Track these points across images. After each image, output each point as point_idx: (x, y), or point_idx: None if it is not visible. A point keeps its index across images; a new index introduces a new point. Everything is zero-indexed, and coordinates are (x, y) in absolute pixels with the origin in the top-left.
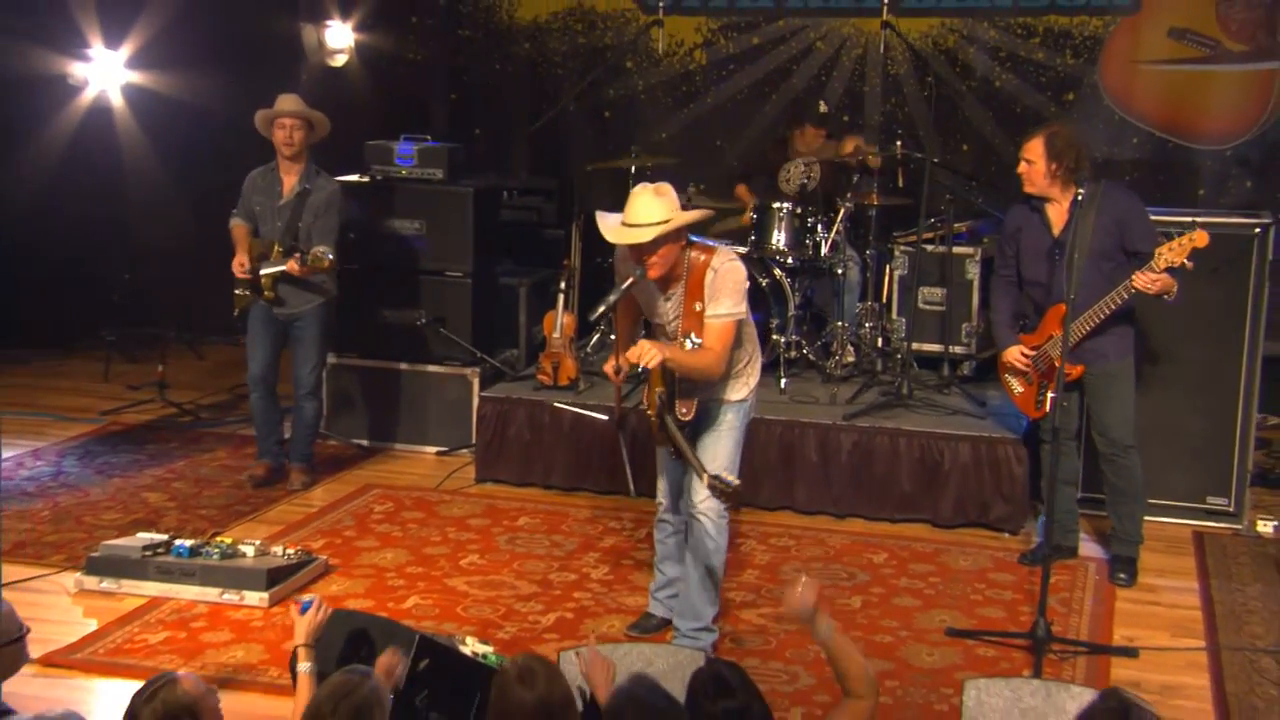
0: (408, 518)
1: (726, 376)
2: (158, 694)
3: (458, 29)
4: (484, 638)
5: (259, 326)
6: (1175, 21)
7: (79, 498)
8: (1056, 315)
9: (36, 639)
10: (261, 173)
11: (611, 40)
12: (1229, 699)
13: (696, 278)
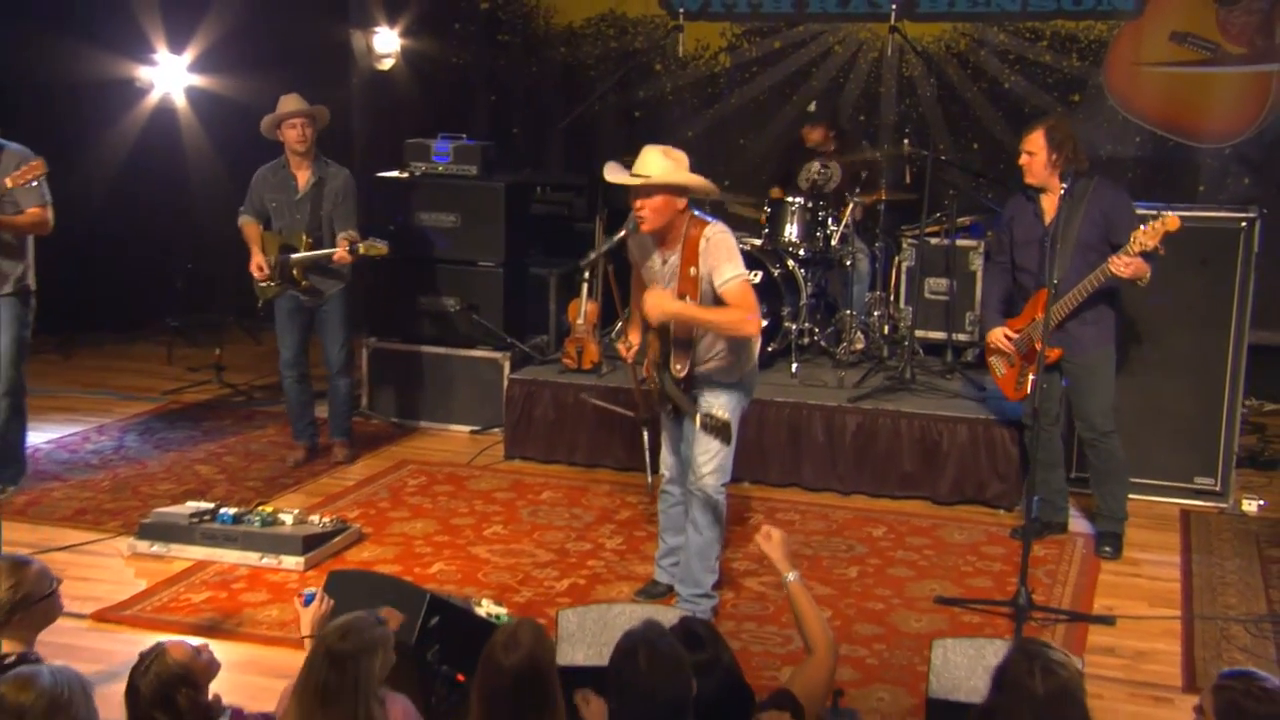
0: (438, 491)
1: (721, 357)
2: (150, 667)
3: (497, 34)
4: (501, 601)
5: (286, 315)
6: (1177, 25)
7: (137, 469)
8: (1040, 300)
9: (91, 597)
10: (271, 169)
11: (642, 44)
12: (1196, 663)
13: (692, 244)
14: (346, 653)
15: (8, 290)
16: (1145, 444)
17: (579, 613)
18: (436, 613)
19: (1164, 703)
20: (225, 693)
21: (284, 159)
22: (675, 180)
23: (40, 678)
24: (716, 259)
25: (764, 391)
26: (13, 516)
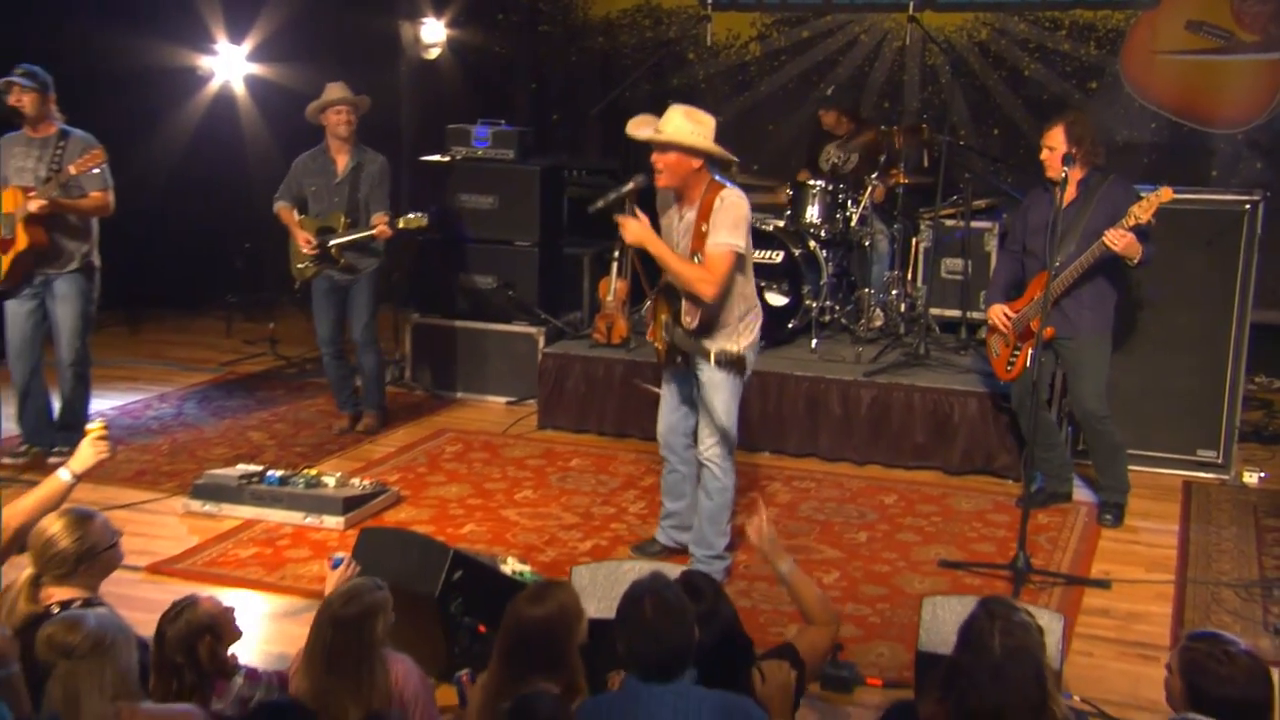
0: (474, 458)
1: (715, 326)
2: (181, 614)
3: (538, 25)
4: (526, 560)
5: (321, 295)
6: (1192, 14)
7: (194, 435)
8: (1040, 282)
9: (147, 551)
10: (310, 156)
11: (675, 34)
12: (1185, 625)
13: (708, 204)
14: (350, 618)
15: (73, 267)
16: (1150, 418)
17: (591, 569)
18: (460, 568)
19: (1150, 661)
20: (269, 642)
21: (324, 145)
22: (687, 142)
23: (87, 621)
24: (721, 221)
25: (784, 365)
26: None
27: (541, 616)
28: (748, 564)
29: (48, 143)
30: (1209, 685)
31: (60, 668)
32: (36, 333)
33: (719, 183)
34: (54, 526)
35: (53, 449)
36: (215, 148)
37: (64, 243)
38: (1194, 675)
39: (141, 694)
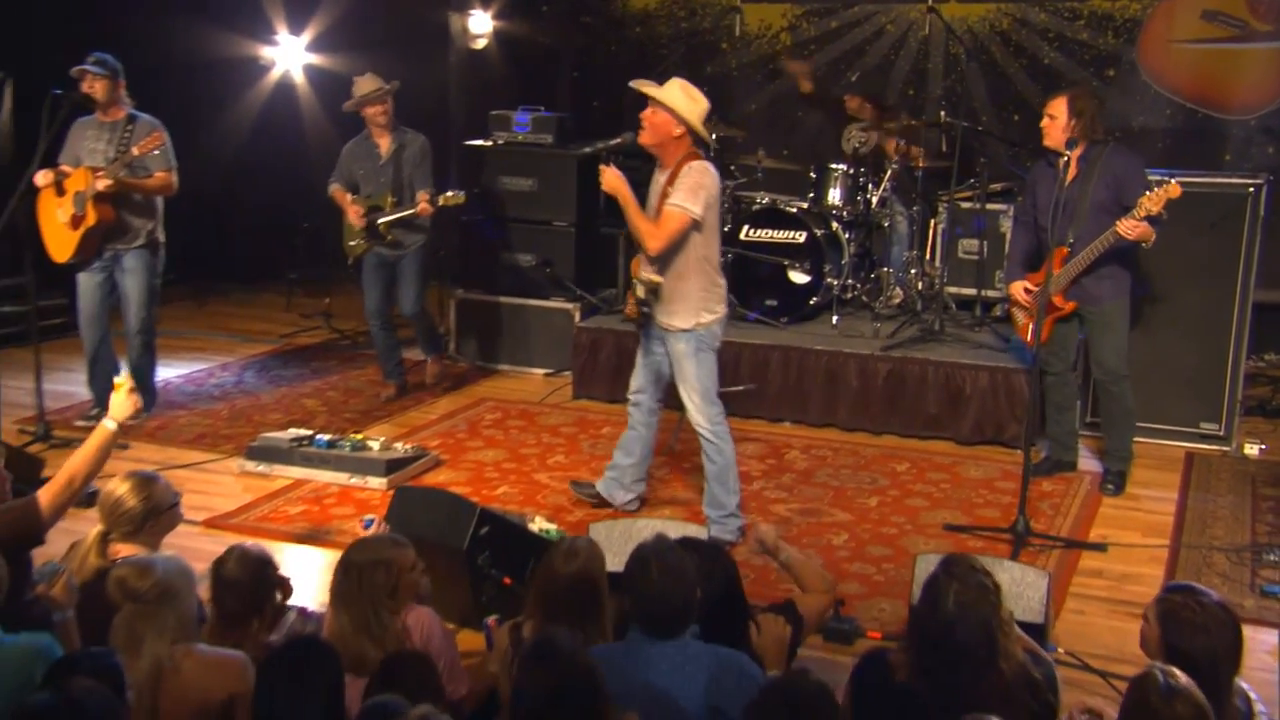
0: (511, 425)
1: (673, 299)
2: (231, 555)
3: (580, 16)
4: (553, 519)
5: (371, 270)
6: (1208, 4)
7: (252, 401)
8: (1057, 256)
9: (205, 508)
10: (356, 142)
11: (709, 25)
12: None
13: (677, 170)
14: (354, 563)
15: (139, 243)
16: (1155, 392)
17: (607, 525)
18: (486, 524)
19: (1138, 619)
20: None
21: (367, 131)
22: (676, 107)
23: (155, 568)
24: (681, 185)
25: (805, 340)
26: (144, 438)
27: (574, 571)
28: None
29: (116, 126)
30: (1183, 633)
31: (126, 609)
32: (105, 304)
33: (695, 153)
34: (121, 488)
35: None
36: (276, 133)
37: (130, 220)
38: (1169, 624)
39: (197, 636)
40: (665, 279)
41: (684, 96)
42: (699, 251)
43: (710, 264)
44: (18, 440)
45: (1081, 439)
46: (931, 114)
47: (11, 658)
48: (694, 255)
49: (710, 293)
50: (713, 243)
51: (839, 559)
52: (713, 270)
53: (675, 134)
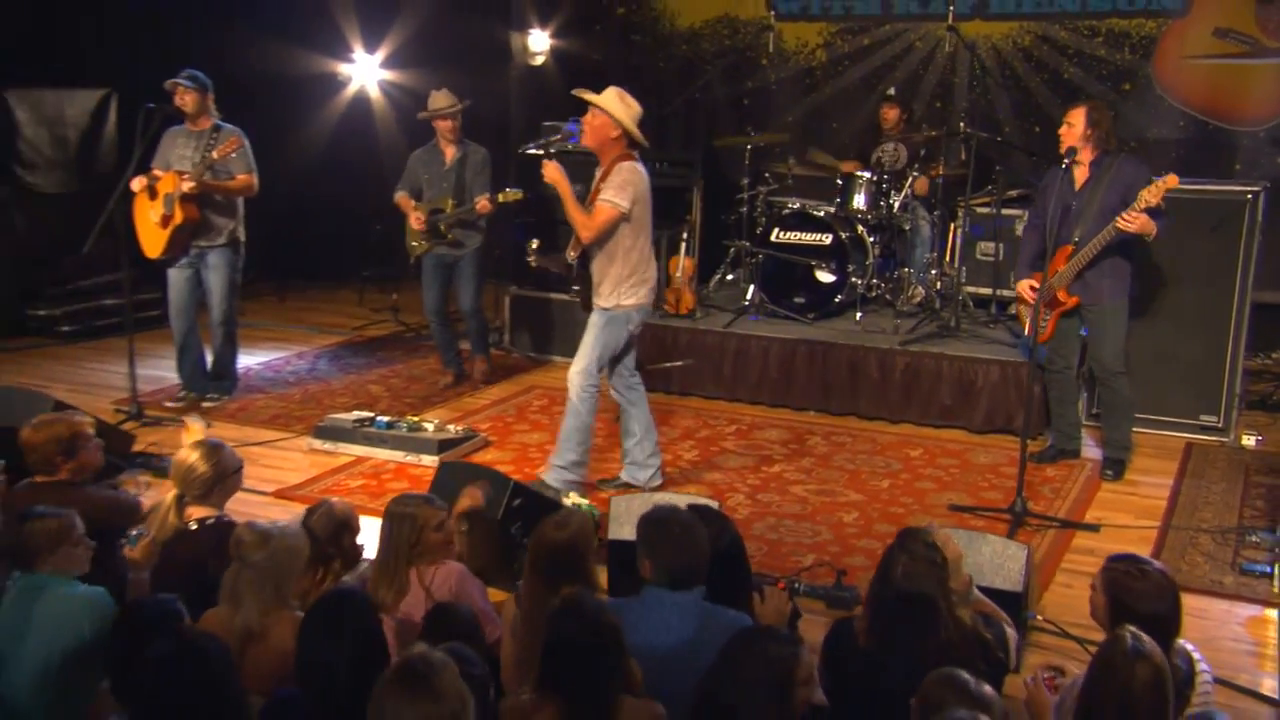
0: (556, 410)
1: (600, 282)
2: (319, 509)
3: (631, 35)
4: (587, 494)
5: (431, 270)
6: (1219, 22)
7: (323, 386)
8: (1062, 255)
9: (275, 480)
10: (425, 150)
11: (750, 42)
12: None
13: (611, 168)
14: (388, 513)
15: (221, 241)
16: (1158, 385)
17: (627, 499)
18: (519, 497)
19: None
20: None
21: (435, 141)
22: (612, 111)
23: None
24: (611, 182)
25: (829, 335)
26: (225, 418)
27: (565, 538)
28: (780, 504)
29: (203, 135)
30: (1127, 599)
31: (234, 567)
32: (192, 297)
33: (629, 154)
34: (192, 456)
35: (205, 395)
36: (352, 142)
37: (214, 219)
38: (1115, 591)
39: (294, 604)
40: (594, 262)
41: (619, 102)
42: (626, 242)
43: (636, 253)
44: (113, 418)
45: (1086, 429)
46: (953, 126)
47: (69, 605)
48: (621, 245)
49: (633, 278)
50: (640, 234)
51: (848, 534)
52: (638, 259)
53: (613, 135)
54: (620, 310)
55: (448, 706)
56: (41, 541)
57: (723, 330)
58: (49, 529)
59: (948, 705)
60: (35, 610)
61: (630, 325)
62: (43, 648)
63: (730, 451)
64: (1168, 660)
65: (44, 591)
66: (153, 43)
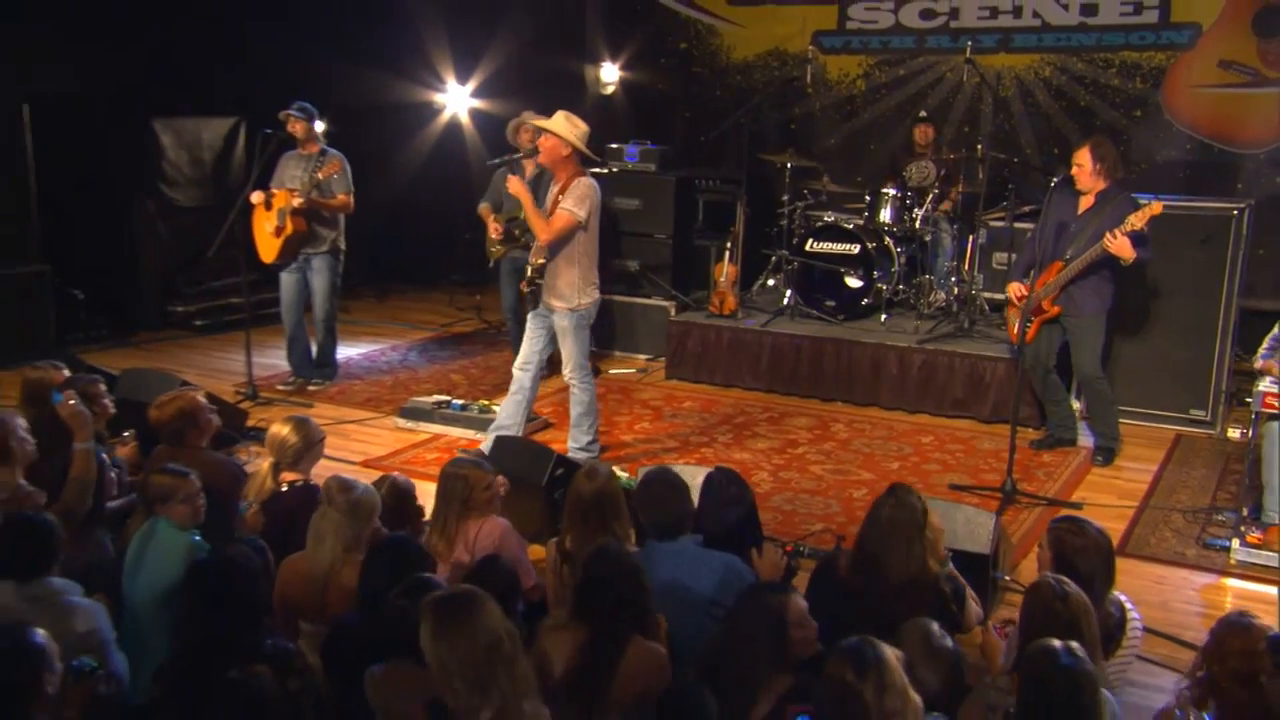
0: (611, 397)
1: (557, 284)
2: (385, 482)
3: (691, 67)
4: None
5: (507, 274)
6: (1224, 55)
7: (411, 374)
8: (1053, 269)
9: (363, 452)
10: (508, 167)
11: (796, 73)
12: (1133, 537)
13: (567, 184)
14: (443, 473)
15: (324, 249)
16: (1152, 381)
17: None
18: (561, 467)
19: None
20: None
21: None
22: (560, 133)
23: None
24: (571, 194)
25: (855, 334)
26: (325, 400)
27: (594, 489)
28: (799, 481)
29: (311, 158)
30: (1067, 554)
31: (320, 509)
32: (300, 296)
33: (582, 170)
34: (284, 429)
35: (310, 380)
36: (445, 162)
37: (319, 231)
38: (1057, 547)
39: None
40: (553, 264)
41: (567, 124)
42: (581, 247)
43: (589, 258)
44: (232, 398)
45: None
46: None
47: (172, 547)
48: (578, 250)
49: (587, 280)
50: (593, 241)
51: (855, 506)
52: (590, 264)
53: (564, 154)
54: (583, 309)
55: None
56: (159, 493)
57: (760, 329)
58: (166, 483)
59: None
60: (148, 548)
61: (591, 320)
62: (152, 577)
63: (761, 435)
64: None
65: (157, 534)
66: (274, 77)
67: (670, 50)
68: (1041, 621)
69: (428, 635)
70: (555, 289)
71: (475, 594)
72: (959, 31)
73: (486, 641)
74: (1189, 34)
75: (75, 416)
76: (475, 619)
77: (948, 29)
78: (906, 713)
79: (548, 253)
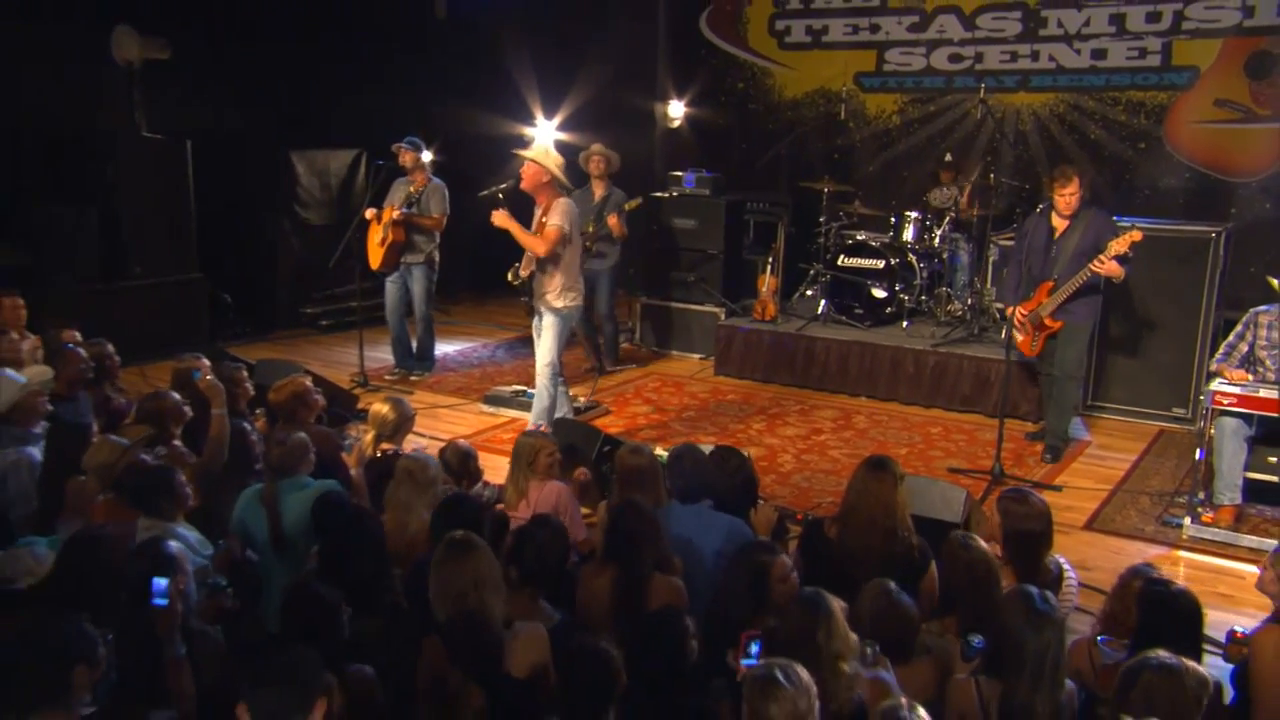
0: (665, 391)
1: (544, 289)
2: (450, 447)
3: (747, 104)
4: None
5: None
6: (1219, 94)
7: (497, 368)
8: (1044, 289)
9: (451, 431)
10: (581, 190)
11: (842, 110)
12: (1101, 515)
13: (549, 205)
14: (517, 441)
15: (421, 260)
16: (1138, 383)
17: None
18: (609, 445)
19: (1062, 532)
20: None
21: (589, 184)
22: (540, 160)
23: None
24: (554, 213)
25: (878, 338)
26: (424, 389)
27: (638, 462)
28: (819, 463)
29: (415, 183)
30: (1011, 519)
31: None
32: (401, 299)
33: (559, 193)
34: (384, 407)
35: (412, 371)
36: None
37: (416, 241)
38: (1005, 516)
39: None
40: (540, 274)
41: (546, 155)
42: (566, 259)
43: (572, 267)
44: (347, 385)
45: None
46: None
47: (304, 493)
48: (563, 260)
49: (568, 286)
50: (575, 253)
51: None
52: (572, 272)
53: (544, 180)
54: (567, 310)
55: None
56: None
57: (795, 333)
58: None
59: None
60: (287, 499)
61: (572, 323)
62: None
63: (790, 424)
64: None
65: (293, 485)
66: (390, 115)
67: (729, 89)
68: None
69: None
70: (542, 294)
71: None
72: (983, 73)
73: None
74: (1188, 76)
75: (211, 388)
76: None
77: (973, 71)
78: (846, 653)
79: (536, 264)
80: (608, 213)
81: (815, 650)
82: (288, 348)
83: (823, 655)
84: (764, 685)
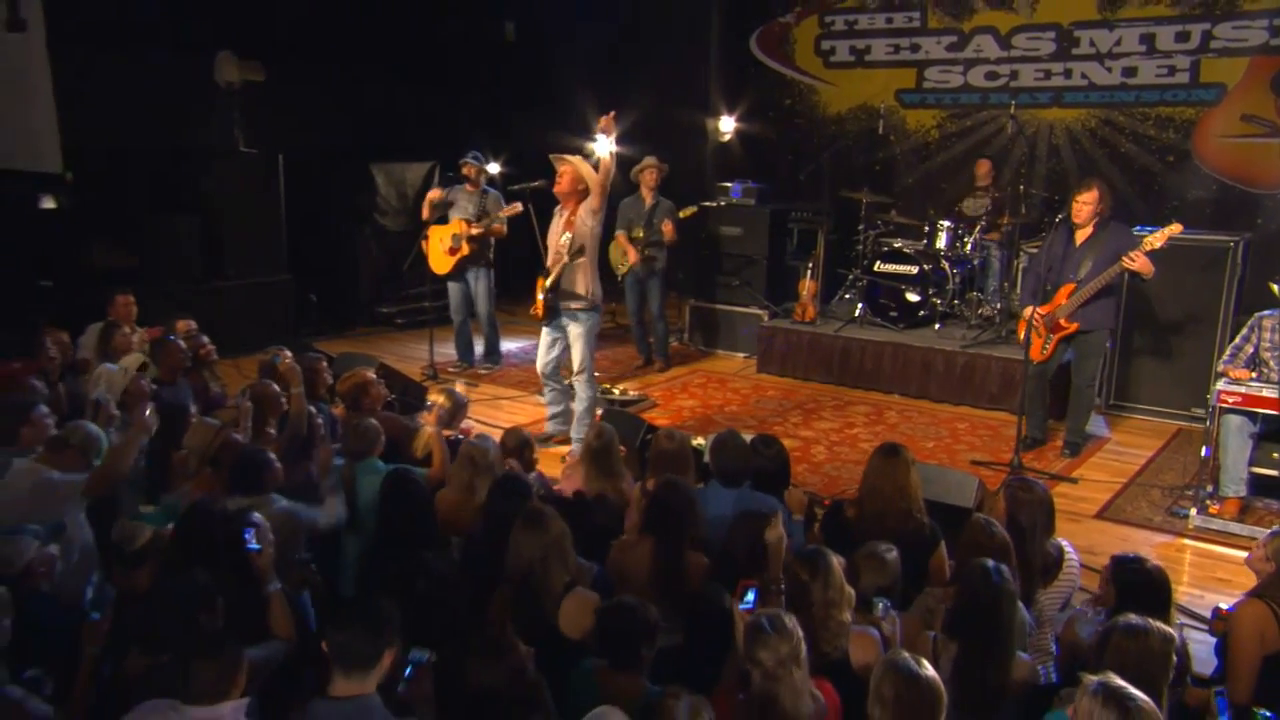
0: (710, 387)
1: (574, 286)
2: (511, 433)
3: (794, 119)
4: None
5: (630, 285)
6: (1246, 110)
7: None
8: (1064, 292)
9: (511, 420)
10: (632, 199)
11: (882, 125)
12: (1113, 505)
13: (574, 206)
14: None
15: (482, 264)
16: (1158, 383)
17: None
18: (649, 433)
19: (1073, 520)
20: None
21: (639, 192)
22: (579, 167)
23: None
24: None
25: (911, 339)
26: (489, 381)
27: (672, 447)
28: (849, 455)
29: (476, 195)
30: (1015, 507)
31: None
32: (466, 300)
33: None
34: (440, 397)
35: (476, 366)
36: None
37: (479, 250)
38: (1010, 502)
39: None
40: (569, 274)
41: (581, 164)
42: (589, 256)
43: (594, 266)
44: (418, 377)
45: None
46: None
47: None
48: (588, 259)
49: (595, 278)
50: (595, 253)
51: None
52: (594, 271)
53: (580, 187)
54: (596, 304)
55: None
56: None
57: (833, 334)
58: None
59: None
60: (362, 480)
61: (598, 330)
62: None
63: (825, 419)
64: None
65: (367, 467)
66: (461, 128)
67: (777, 105)
68: (972, 549)
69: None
70: (572, 291)
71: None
72: (1018, 90)
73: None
74: (1216, 92)
75: (290, 370)
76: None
77: (1008, 88)
78: (843, 603)
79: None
80: (659, 219)
81: (810, 601)
82: (365, 343)
83: (817, 605)
84: (754, 632)
